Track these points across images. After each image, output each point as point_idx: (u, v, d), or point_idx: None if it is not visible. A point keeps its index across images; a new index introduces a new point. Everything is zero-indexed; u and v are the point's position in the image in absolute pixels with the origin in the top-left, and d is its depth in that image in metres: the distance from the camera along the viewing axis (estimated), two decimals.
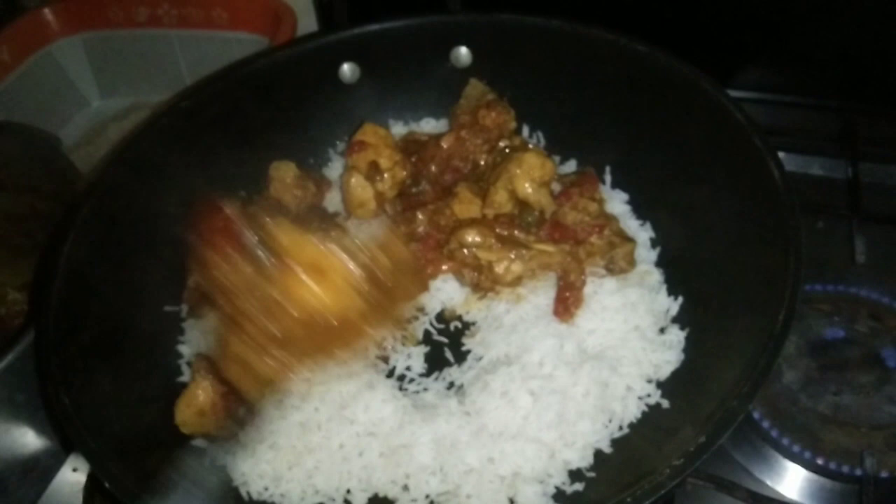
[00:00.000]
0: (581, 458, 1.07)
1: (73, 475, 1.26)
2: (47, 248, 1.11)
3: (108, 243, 1.17)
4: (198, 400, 1.07)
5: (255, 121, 1.37)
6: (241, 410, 1.11)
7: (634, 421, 1.12)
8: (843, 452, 1.16)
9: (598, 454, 1.09)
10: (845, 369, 1.24)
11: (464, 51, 1.42)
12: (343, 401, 1.14)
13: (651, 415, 1.11)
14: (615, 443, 1.10)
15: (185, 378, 1.21)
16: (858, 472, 1.13)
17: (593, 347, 1.17)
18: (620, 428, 1.10)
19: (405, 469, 1.08)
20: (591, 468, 1.07)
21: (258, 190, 1.39)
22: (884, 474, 1.13)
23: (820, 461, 1.16)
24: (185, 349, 1.24)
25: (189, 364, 1.21)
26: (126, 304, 1.17)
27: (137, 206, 1.22)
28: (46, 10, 1.92)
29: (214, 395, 1.08)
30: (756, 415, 1.21)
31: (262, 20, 1.83)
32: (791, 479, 1.17)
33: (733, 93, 1.57)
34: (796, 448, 1.17)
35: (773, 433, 1.19)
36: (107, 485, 0.91)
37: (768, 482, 1.18)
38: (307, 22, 1.86)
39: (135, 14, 1.95)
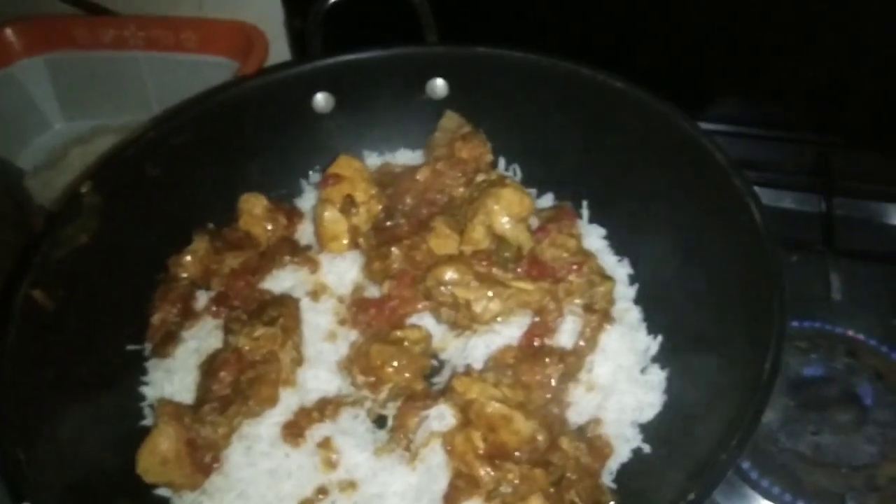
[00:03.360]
0: None
1: None
2: (3, 287, 1.05)
3: (69, 279, 1.11)
4: (161, 447, 1.02)
5: (224, 151, 1.33)
6: (207, 458, 1.07)
7: (620, 467, 1.09)
8: (824, 494, 1.15)
9: None
10: (824, 408, 1.24)
11: (440, 82, 1.40)
12: (315, 446, 1.10)
13: (634, 460, 1.09)
14: None
15: (147, 422, 1.15)
16: None
17: (575, 390, 1.14)
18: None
19: None
20: None
21: (227, 222, 1.34)
22: None
23: (801, 503, 1.14)
24: (148, 391, 1.18)
25: (152, 407, 1.16)
26: (86, 344, 1.11)
27: (100, 239, 1.16)
28: (8, 30, 1.87)
29: (178, 442, 1.03)
30: None
31: (232, 44, 1.80)
32: None
33: (707, 125, 1.58)
34: (776, 490, 1.15)
35: (753, 475, 1.17)
36: None
37: None
38: (279, 47, 1.83)
39: (101, 35, 1.90)
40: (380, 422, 1.16)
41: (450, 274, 1.18)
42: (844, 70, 1.49)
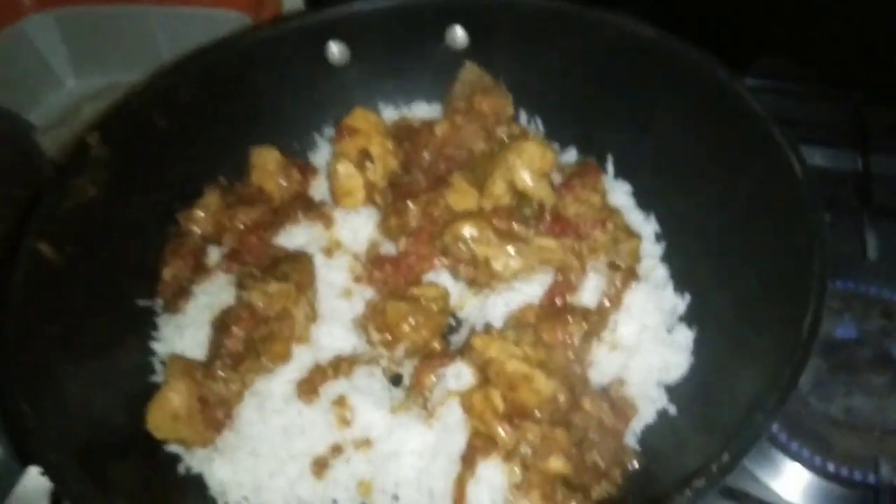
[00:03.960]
0: None
1: (40, 478, 1.18)
2: (6, 239, 1.03)
3: (76, 233, 1.08)
4: (171, 403, 1.00)
5: (235, 104, 1.29)
6: (218, 414, 1.04)
7: (644, 428, 1.05)
8: (856, 458, 1.11)
9: None
10: (857, 370, 1.19)
11: (459, 31, 1.34)
12: (329, 403, 1.07)
13: (659, 422, 1.05)
14: None
15: (158, 378, 1.13)
16: (872, 478, 1.08)
17: (598, 349, 1.10)
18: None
19: (394, 478, 1.02)
20: None
21: (239, 177, 1.31)
22: None
23: (832, 467, 1.10)
24: (159, 347, 1.16)
25: (163, 363, 1.13)
26: (95, 299, 1.09)
27: (108, 192, 1.13)
28: None
29: (190, 397, 1.00)
30: None
31: None
32: (801, 485, 1.12)
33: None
34: (807, 453, 1.12)
35: (783, 437, 1.13)
36: None
37: (776, 489, 1.12)
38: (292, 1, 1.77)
39: None
40: (396, 380, 1.13)
41: (468, 230, 1.14)
42: (881, 22, 1.41)
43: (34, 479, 1.15)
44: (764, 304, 0.97)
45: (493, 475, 0.98)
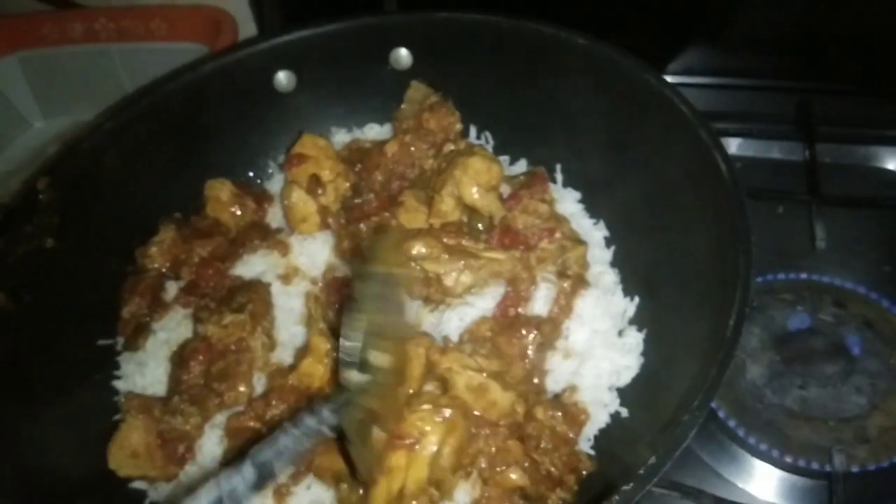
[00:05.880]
0: None
1: None
2: None
3: (29, 278, 1.10)
4: (130, 441, 1.01)
5: (186, 137, 1.31)
6: (179, 448, 1.06)
7: (597, 432, 1.07)
8: (813, 448, 1.12)
9: None
10: (810, 361, 1.21)
11: (403, 52, 1.36)
12: None
13: (612, 425, 1.07)
14: None
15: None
16: (828, 468, 1.09)
17: (551, 357, 1.11)
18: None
19: None
20: None
21: (195, 210, 1.33)
22: (854, 469, 1.09)
23: (788, 459, 1.12)
24: (121, 384, 1.17)
25: None
26: (52, 342, 1.10)
27: (61, 236, 1.15)
28: None
29: (147, 434, 1.02)
30: (721, 413, 1.17)
31: (202, 29, 1.77)
32: (760, 478, 1.14)
33: (685, 78, 1.55)
34: (764, 446, 1.13)
35: (740, 432, 1.15)
36: None
37: (737, 483, 1.14)
38: (248, 29, 1.80)
39: (70, 30, 1.88)
40: None
41: (418, 248, 1.16)
42: (820, 10, 1.43)
43: None
44: (701, 303, 0.98)
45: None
